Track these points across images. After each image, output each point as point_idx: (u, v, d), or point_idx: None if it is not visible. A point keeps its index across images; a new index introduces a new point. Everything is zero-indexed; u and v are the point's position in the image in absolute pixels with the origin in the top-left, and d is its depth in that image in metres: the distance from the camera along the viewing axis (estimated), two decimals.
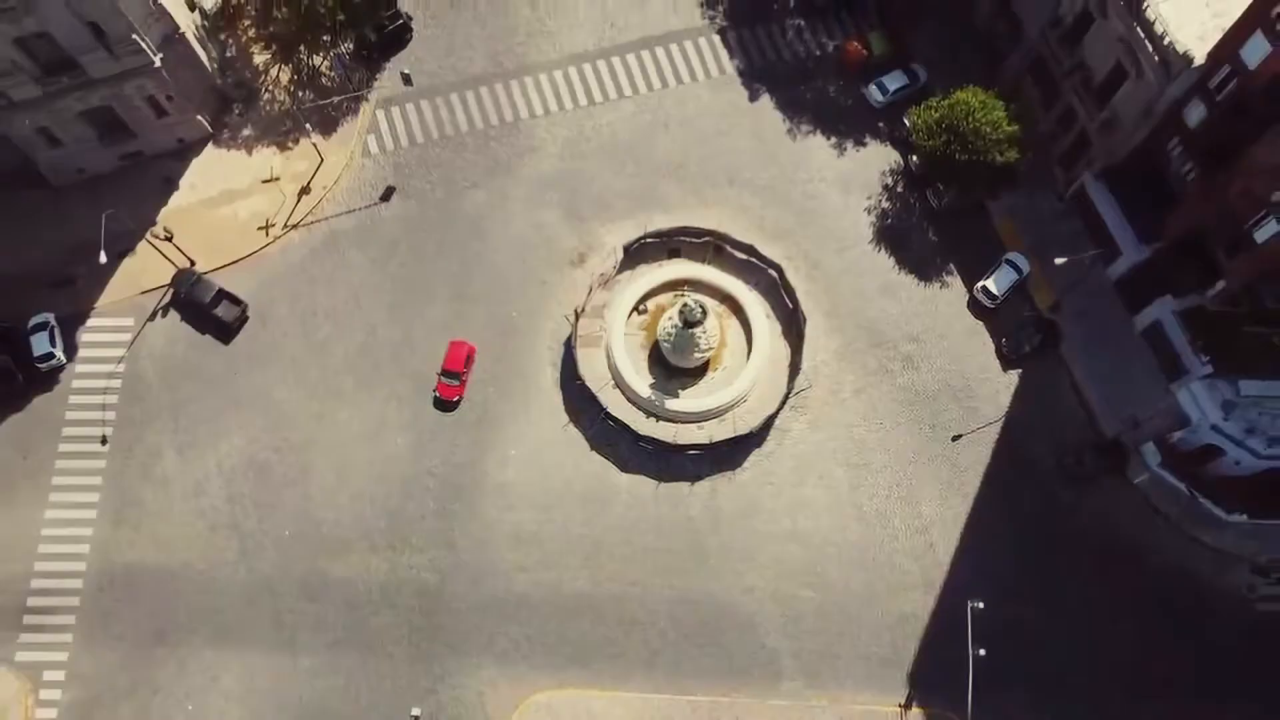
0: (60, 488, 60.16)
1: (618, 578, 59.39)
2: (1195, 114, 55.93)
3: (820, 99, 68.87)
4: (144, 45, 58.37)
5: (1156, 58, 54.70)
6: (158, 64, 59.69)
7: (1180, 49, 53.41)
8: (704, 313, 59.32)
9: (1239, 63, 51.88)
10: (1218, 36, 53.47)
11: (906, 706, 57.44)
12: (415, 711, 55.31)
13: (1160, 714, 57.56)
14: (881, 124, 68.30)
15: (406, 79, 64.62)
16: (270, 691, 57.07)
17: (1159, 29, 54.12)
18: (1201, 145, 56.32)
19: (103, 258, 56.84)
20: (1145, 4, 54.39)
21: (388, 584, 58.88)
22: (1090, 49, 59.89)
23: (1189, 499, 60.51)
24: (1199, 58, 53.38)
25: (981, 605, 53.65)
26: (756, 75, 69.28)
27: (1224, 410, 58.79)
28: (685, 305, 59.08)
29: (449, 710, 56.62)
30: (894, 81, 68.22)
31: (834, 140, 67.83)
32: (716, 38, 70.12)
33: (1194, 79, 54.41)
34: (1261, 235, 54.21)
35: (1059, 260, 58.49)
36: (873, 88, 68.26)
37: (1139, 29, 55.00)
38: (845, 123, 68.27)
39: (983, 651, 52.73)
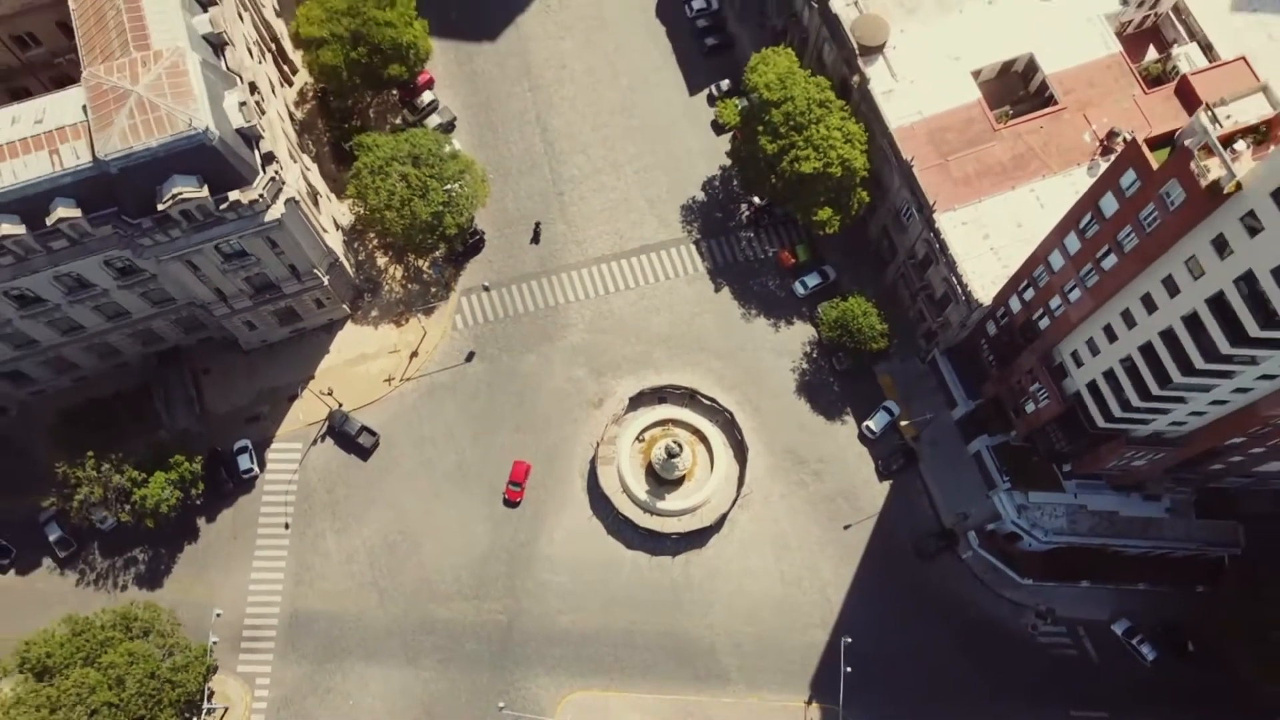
0: (259, 558, 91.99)
1: (624, 618, 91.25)
2: (990, 330, 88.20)
3: (763, 290, 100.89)
4: (319, 273, 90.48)
5: (964, 295, 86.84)
6: (325, 282, 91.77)
7: (976, 295, 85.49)
8: (680, 447, 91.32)
9: (1007, 308, 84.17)
10: (1004, 283, 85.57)
11: (808, 703, 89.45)
12: (500, 704, 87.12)
13: (975, 715, 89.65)
14: (804, 309, 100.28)
15: (486, 288, 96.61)
16: (401, 692, 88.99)
17: (965, 280, 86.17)
18: (996, 348, 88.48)
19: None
20: (958, 263, 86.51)
21: (475, 622, 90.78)
22: (933, 277, 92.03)
23: (996, 569, 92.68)
24: (987, 300, 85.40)
25: (850, 640, 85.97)
26: (719, 273, 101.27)
27: (1018, 511, 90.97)
28: (668, 444, 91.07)
29: (517, 705, 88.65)
30: (812, 279, 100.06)
31: (771, 320, 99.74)
32: (692, 245, 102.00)
33: (986, 311, 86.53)
34: (1029, 408, 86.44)
35: (903, 423, 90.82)
36: (797, 284, 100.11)
37: (954, 277, 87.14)
38: (779, 308, 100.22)
39: (849, 669, 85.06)
